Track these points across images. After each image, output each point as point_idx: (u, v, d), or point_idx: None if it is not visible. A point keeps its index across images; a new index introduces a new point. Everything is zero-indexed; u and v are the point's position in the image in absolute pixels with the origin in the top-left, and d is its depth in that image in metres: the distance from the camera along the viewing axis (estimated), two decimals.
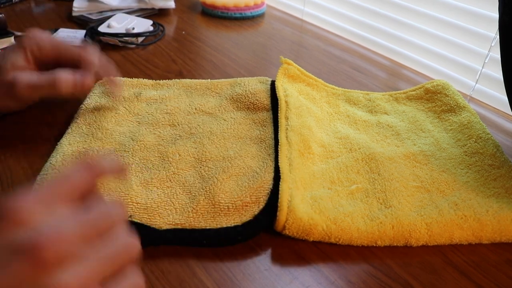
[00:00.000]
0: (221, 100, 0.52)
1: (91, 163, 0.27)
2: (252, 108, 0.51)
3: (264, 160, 0.42)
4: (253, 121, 0.49)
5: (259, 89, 0.53)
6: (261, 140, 0.46)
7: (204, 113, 0.50)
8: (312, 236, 0.35)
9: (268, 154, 0.43)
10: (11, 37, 0.66)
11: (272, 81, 0.55)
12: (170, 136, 0.46)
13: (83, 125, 0.46)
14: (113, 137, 0.45)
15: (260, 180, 0.39)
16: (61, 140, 0.44)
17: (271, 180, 0.39)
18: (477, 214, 0.37)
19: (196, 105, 0.51)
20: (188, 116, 0.49)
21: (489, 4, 0.61)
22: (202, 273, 0.33)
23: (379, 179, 0.41)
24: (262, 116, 0.49)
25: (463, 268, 0.35)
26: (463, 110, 0.51)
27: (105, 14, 0.79)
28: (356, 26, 0.80)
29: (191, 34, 0.77)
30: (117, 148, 0.44)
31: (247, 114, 0.50)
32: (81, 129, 0.46)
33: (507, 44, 0.41)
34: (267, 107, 0.51)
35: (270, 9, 0.92)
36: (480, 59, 0.63)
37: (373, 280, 0.34)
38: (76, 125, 0.46)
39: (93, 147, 0.44)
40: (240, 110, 0.51)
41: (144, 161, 0.42)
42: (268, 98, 0.52)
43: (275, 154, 0.43)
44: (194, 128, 0.47)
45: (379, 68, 0.69)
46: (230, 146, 0.45)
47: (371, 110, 0.53)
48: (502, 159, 0.43)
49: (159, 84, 0.55)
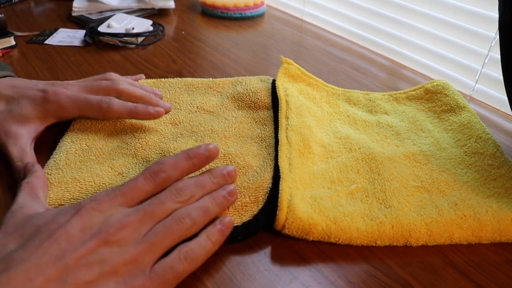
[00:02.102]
0: (223, 99, 0.52)
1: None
2: (253, 107, 0.51)
3: (264, 159, 0.42)
4: (254, 120, 0.49)
5: (260, 88, 0.53)
6: (261, 139, 0.46)
7: (206, 112, 0.50)
8: (311, 235, 0.35)
9: (268, 153, 0.43)
10: (11, 37, 0.66)
11: (273, 80, 0.55)
12: (172, 134, 0.46)
13: (86, 122, 0.46)
14: (115, 135, 0.45)
15: (260, 179, 0.39)
16: (63, 137, 0.44)
17: (270, 179, 0.40)
18: (477, 214, 0.37)
19: (198, 104, 0.51)
20: (189, 115, 0.49)
21: (489, 4, 0.61)
22: (202, 273, 0.33)
23: (379, 179, 0.41)
24: (263, 115, 0.49)
25: (463, 268, 0.35)
26: (463, 110, 0.51)
27: (105, 14, 0.79)
28: (356, 26, 0.80)
29: (191, 34, 0.77)
30: (120, 145, 0.44)
31: (248, 113, 0.50)
32: (84, 126, 0.46)
33: (507, 44, 0.41)
34: (268, 106, 0.51)
35: (270, 9, 0.92)
36: (480, 59, 0.63)
37: (373, 280, 0.34)
38: (79, 122, 0.46)
39: (96, 145, 0.44)
40: (241, 109, 0.51)
41: (146, 158, 0.42)
42: (269, 96, 0.52)
43: (275, 153, 0.43)
44: (196, 127, 0.47)
45: (379, 68, 0.69)
46: (231, 144, 0.45)
47: (371, 110, 0.53)
48: (502, 159, 0.43)
49: (160, 82, 0.56)
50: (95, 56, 0.66)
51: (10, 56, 0.65)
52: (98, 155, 0.43)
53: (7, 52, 0.65)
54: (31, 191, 0.34)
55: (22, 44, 0.69)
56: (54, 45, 0.69)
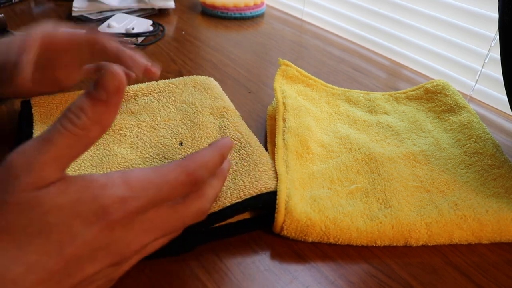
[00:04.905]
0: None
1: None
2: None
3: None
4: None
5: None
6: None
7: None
8: (310, 236, 0.35)
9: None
10: None
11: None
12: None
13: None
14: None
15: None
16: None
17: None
18: (477, 214, 0.37)
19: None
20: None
21: (489, 4, 0.61)
22: (202, 273, 0.33)
23: (378, 179, 0.41)
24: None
25: (463, 268, 0.35)
26: (463, 110, 0.51)
27: (105, 14, 0.79)
28: (356, 26, 0.80)
29: (191, 34, 0.77)
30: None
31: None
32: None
33: (507, 44, 0.41)
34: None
35: (270, 9, 0.92)
36: (480, 59, 0.63)
37: (373, 280, 0.34)
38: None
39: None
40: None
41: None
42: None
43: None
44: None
45: (379, 68, 0.69)
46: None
47: (371, 110, 0.53)
48: (502, 159, 0.43)
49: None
50: None
51: None
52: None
53: None
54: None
55: None
56: None
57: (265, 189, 0.37)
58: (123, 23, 0.72)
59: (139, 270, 0.33)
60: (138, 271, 0.33)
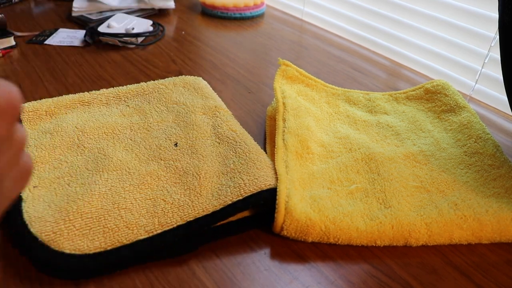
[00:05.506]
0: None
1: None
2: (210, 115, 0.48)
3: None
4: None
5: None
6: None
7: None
8: (310, 236, 0.35)
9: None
10: (11, 37, 0.66)
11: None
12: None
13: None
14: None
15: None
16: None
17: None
18: (477, 214, 0.37)
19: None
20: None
21: (489, 4, 0.61)
22: (202, 273, 0.33)
23: (378, 179, 0.41)
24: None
25: (463, 268, 0.35)
26: (463, 110, 0.51)
27: (105, 14, 0.79)
28: (356, 26, 0.80)
29: (191, 34, 0.77)
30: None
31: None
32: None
33: (507, 44, 0.41)
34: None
35: (270, 9, 0.92)
36: (480, 59, 0.63)
37: (373, 280, 0.34)
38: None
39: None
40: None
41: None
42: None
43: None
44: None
45: (379, 68, 0.69)
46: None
47: (371, 110, 0.53)
48: (502, 159, 0.43)
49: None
50: (95, 56, 0.66)
51: (10, 56, 0.65)
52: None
53: (7, 52, 0.65)
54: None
55: (22, 44, 0.69)
56: (54, 45, 0.69)
57: (265, 186, 0.37)
58: (123, 23, 0.72)
59: (139, 270, 0.33)
60: (138, 271, 0.33)
